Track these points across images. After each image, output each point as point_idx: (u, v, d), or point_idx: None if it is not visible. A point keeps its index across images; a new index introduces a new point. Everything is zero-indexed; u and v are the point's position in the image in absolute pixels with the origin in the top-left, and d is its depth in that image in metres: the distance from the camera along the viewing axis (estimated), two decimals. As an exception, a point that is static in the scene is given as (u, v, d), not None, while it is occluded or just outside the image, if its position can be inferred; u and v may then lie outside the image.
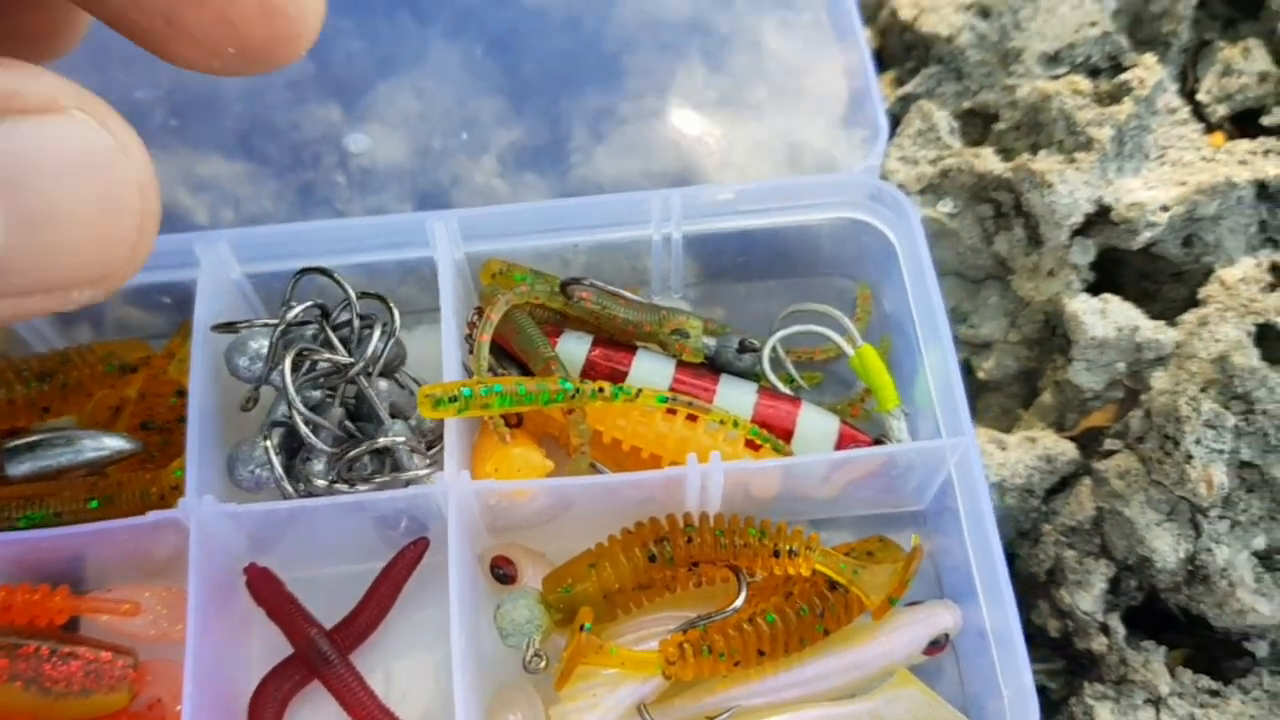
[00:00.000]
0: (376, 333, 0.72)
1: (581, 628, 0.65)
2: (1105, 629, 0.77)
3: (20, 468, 0.73)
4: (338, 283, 0.74)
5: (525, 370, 0.78)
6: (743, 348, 0.77)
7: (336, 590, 0.74)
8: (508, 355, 0.77)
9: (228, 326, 0.74)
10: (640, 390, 0.56)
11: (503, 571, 0.74)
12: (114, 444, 0.74)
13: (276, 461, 0.69)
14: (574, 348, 0.77)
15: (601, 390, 0.68)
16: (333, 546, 0.76)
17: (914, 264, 0.74)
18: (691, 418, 0.74)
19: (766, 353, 0.78)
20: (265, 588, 0.72)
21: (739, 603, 0.67)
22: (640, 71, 0.96)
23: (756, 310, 0.86)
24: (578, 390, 0.69)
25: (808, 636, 0.68)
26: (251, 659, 0.75)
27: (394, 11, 1.02)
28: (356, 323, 0.74)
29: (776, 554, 0.68)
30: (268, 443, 0.69)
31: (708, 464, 0.68)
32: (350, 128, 0.97)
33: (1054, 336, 0.84)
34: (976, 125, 0.90)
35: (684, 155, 0.92)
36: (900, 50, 0.96)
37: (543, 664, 0.68)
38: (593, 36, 0.99)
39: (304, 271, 0.75)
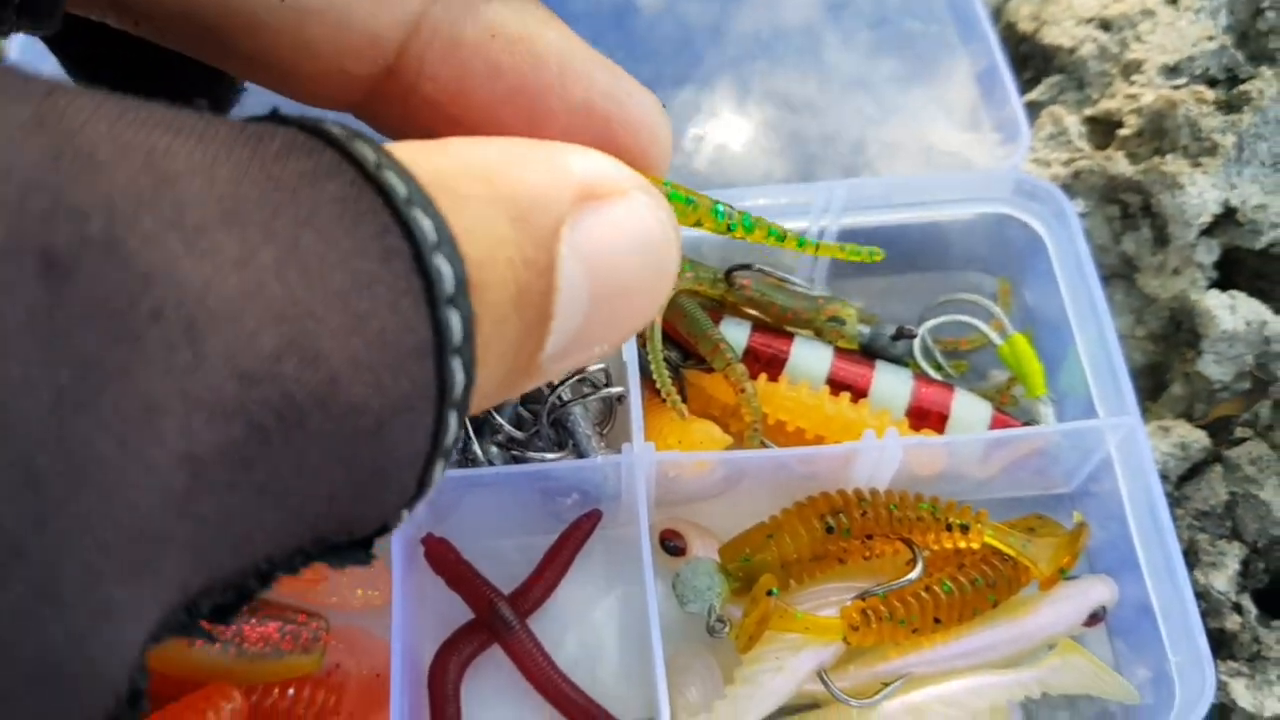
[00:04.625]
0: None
1: (769, 593, 0.68)
2: (1238, 608, 0.80)
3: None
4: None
5: (689, 354, 0.81)
6: (899, 334, 0.81)
7: (498, 562, 0.76)
8: (670, 340, 0.81)
9: None
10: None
11: (673, 544, 0.76)
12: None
13: (469, 423, 0.72)
14: (733, 333, 0.80)
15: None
16: (500, 520, 0.79)
17: (1068, 250, 0.77)
18: (855, 400, 0.77)
19: (918, 341, 0.81)
20: (445, 556, 0.75)
21: (917, 572, 0.70)
22: (759, 80, 1.00)
23: (891, 305, 0.89)
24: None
25: (980, 606, 0.70)
26: (424, 627, 0.77)
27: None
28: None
29: (949, 528, 0.71)
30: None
31: (884, 439, 0.71)
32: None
33: (1180, 331, 0.88)
34: (1099, 132, 0.94)
35: (808, 156, 0.95)
36: (1017, 61, 1.01)
37: (725, 629, 0.71)
38: (708, 50, 1.03)
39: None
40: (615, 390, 0.75)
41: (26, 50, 0.85)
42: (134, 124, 0.20)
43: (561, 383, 0.76)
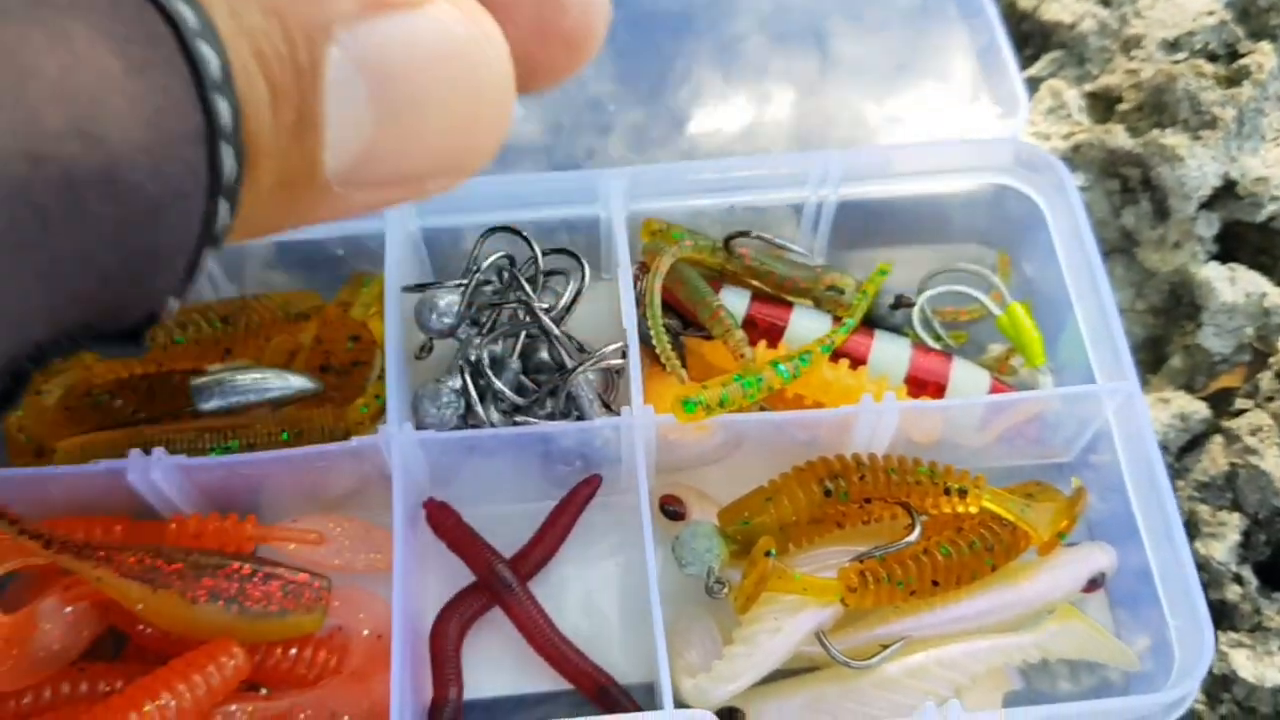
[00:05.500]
0: (571, 284, 0.76)
1: (767, 554, 0.68)
2: (1239, 579, 0.80)
3: (210, 403, 0.76)
4: (525, 240, 0.78)
5: (689, 323, 0.82)
6: (897, 303, 0.81)
7: (498, 528, 0.76)
8: (670, 308, 0.81)
9: (419, 288, 0.78)
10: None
11: (672, 509, 0.77)
12: (298, 383, 0.78)
13: (472, 387, 0.73)
14: (733, 302, 0.80)
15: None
16: (500, 486, 0.79)
17: (1066, 220, 0.78)
18: (854, 367, 0.78)
19: (917, 310, 0.82)
20: (446, 519, 0.75)
21: (915, 534, 0.70)
22: (760, 56, 1.00)
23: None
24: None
25: (978, 571, 0.71)
26: (426, 590, 0.77)
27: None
28: (542, 278, 0.77)
29: (947, 492, 0.71)
30: (463, 372, 0.73)
31: (882, 403, 0.72)
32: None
33: (1180, 304, 0.88)
34: (1099, 107, 0.94)
35: (808, 132, 0.96)
36: (1018, 38, 1.01)
37: (724, 590, 0.71)
38: (710, 25, 1.04)
39: (492, 230, 0.78)
40: (616, 362, 0.75)
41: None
42: None
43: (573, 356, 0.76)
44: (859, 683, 0.70)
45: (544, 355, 0.79)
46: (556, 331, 0.75)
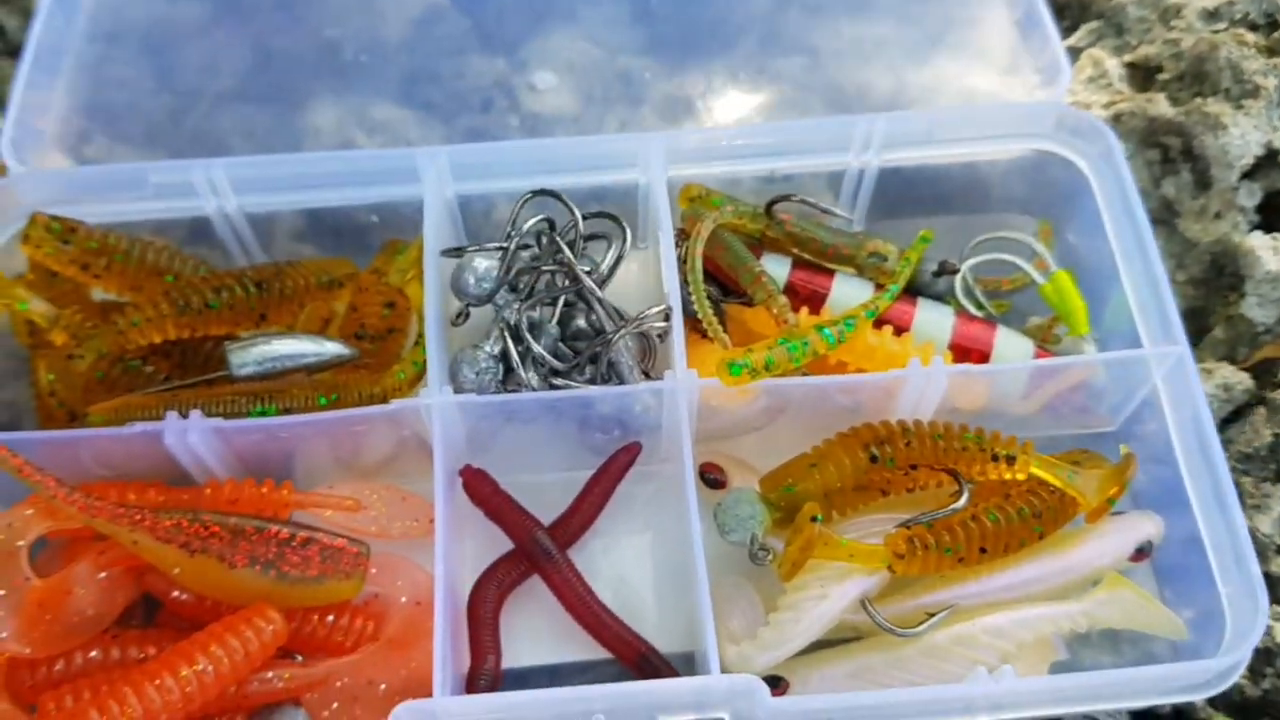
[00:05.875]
0: (611, 249, 0.75)
1: (813, 519, 0.67)
2: (1284, 552, 0.79)
3: (246, 368, 0.75)
4: (565, 204, 0.77)
5: (729, 291, 0.80)
6: (941, 270, 0.80)
7: (536, 496, 0.75)
8: (710, 276, 0.80)
9: (458, 251, 0.77)
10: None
11: (713, 477, 0.76)
12: (333, 349, 0.77)
13: (514, 349, 0.72)
14: (774, 269, 0.79)
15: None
16: (537, 454, 0.78)
17: (1113, 185, 0.77)
18: (897, 333, 0.77)
19: (960, 278, 0.80)
20: (484, 486, 0.74)
21: (963, 501, 0.69)
22: (795, 26, 0.99)
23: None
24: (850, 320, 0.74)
25: (1026, 538, 0.69)
26: (464, 558, 0.76)
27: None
28: (581, 242, 0.76)
29: (995, 458, 0.70)
30: (504, 336, 0.72)
31: (930, 366, 0.71)
32: (517, 75, 0.99)
33: (1221, 275, 0.87)
34: (1139, 76, 0.93)
35: (846, 103, 0.94)
36: (1055, 10, 1.00)
37: (768, 556, 0.70)
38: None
39: (533, 194, 0.77)
40: (658, 325, 0.74)
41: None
42: None
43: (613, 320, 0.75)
44: (905, 651, 0.69)
45: (581, 323, 0.78)
46: (599, 293, 0.74)
